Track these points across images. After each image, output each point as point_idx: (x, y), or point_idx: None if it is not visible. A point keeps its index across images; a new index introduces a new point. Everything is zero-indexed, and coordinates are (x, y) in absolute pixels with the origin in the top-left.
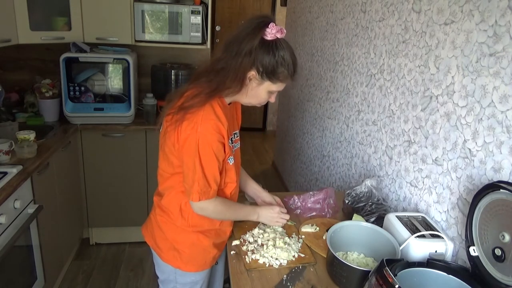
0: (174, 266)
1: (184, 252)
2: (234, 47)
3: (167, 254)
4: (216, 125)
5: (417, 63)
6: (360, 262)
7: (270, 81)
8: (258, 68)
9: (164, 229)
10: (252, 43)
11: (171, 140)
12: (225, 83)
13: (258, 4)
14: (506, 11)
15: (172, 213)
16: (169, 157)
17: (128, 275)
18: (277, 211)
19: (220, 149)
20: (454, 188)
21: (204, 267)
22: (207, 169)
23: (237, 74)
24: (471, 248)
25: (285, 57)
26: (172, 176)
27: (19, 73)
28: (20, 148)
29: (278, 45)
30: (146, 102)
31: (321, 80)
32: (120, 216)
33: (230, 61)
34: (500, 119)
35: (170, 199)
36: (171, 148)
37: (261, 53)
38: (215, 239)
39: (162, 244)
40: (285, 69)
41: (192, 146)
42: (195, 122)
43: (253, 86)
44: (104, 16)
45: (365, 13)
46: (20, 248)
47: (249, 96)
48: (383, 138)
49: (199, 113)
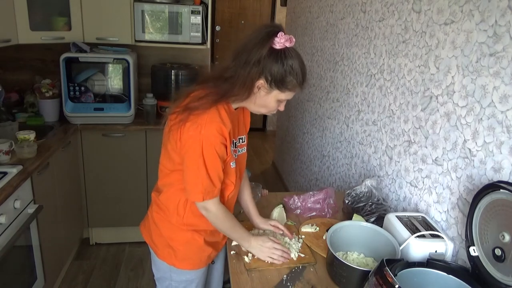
0: (169, 263)
1: (178, 250)
2: (243, 56)
3: (162, 251)
4: (220, 127)
5: (417, 63)
6: (360, 262)
7: (278, 90)
8: (266, 77)
9: (160, 226)
10: (261, 52)
11: (174, 138)
12: (233, 91)
13: (258, 4)
14: (506, 11)
15: (168, 210)
16: (170, 153)
17: (128, 275)
18: (269, 246)
19: (223, 150)
20: (454, 188)
21: (199, 265)
22: (211, 170)
23: (245, 83)
24: (471, 248)
25: (294, 66)
26: (172, 172)
27: (19, 73)
28: (20, 148)
29: (287, 54)
30: (146, 102)
31: (321, 80)
32: (120, 216)
33: (239, 70)
34: (500, 119)
35: (168, 196)
36: (174, 146)
37: (269, 62)
38: (210, 238)
39: (158, 241)
40: (294, 78)
41: (196, 147)
42: (199, 124)
43: (262, 95)
44: (104, 16)
45: (365, 13)
46: (20, 248)
47: (257, 105)
48: (383, 138)
49: (203, 116)
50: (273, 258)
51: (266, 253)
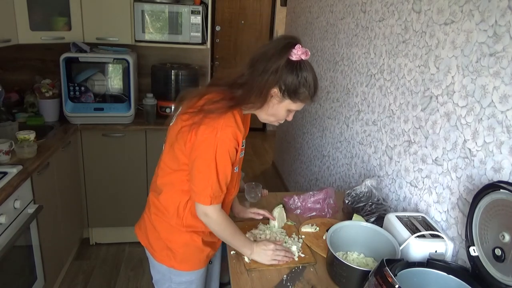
0: (168, 266)
1: (177, 252)
2: (261, 64)
3: (160, 254)
4: (235, 132)
5: (417, 63)
6: (360, 262)
7: (290, 100)
8: (280, 86)
9: (158, 228)
10: (279, 62)
11: (184, 139)
12: (250, 98)
13: (258, 4)
14: (506, 11)
15: (168, 212)
16: (176, 153)
17: (128, 275)
18: (272, 248)
19: (234, 155)
20: (454, 188)
21: (199, 266)
22: (221, 174)
23: (262, 91)
24: (471, 248)
25: (308, 78)
26: (175, 172)
27: (19, 73)
28: (20, 148)
29: (302, 66)
30: (146, 102)
31: (321, 80)
32: (120, 216)
33: (257, 77)
34: (500, 119)
35: (168, 197)
36: (182, 147)
37: (285, 72)
38: (208, 238)
39: (155, 244)
40: (306, 90)
41: (209, 150)
42: (214, 127)
43: (274, 103)
44: (104, 16)
45: (365, 13)
46: (20, 248)
47: (268, 113)
48: (383, 138)
49: (219, 120)
50: (278, 260)
51: (270, 256)
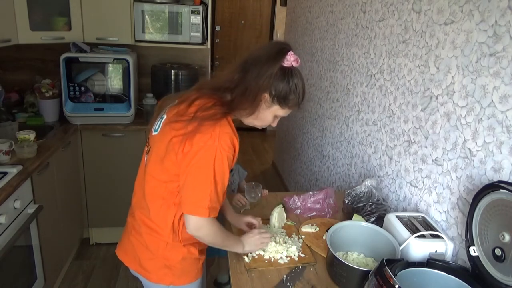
0: (166, 284)
1: (176, 267)
2: (255, 69)
3: (157, 274)
4: (232, 138)
5: (417, 63)
6: (360, 262)
7: (279, 106)
8: (271, 91)
9: (153, 248)
10: (274, 67)
11: (174, 150)
12: (244, 103)
13: (258, 4)
14: (506, 11)
15: (163, 230)
16: (166, 164)
17: (128, 275)
18: (257, 233)
19: (232, 163)
20: (454, 188)
21: (197, 276)
22: (219, 184)
23: (256, 97)
24: (471, 248)
25: (298, 85)
26: (165, 184)
27: (19, 73)
28: (20, 148)
29: (293, 73)
30: (146, 102)
31: (321, 80)
32: (120, 216)
33: (250, 82)
34: (500, 119)
35: (160, 212)
36: (173, 157)
37: (277, 78)
38: (202, 246)
39: (149, 265)
40: (296, 96)
41: (207, 159)
42: (211, 135)
43: (262, 108)
44: (104, 16)
45: (365, 13)
46: (20, 248)
47: (255, 118)
48: (383, 138)
49: (215, 128)
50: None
51: (259, 240)
